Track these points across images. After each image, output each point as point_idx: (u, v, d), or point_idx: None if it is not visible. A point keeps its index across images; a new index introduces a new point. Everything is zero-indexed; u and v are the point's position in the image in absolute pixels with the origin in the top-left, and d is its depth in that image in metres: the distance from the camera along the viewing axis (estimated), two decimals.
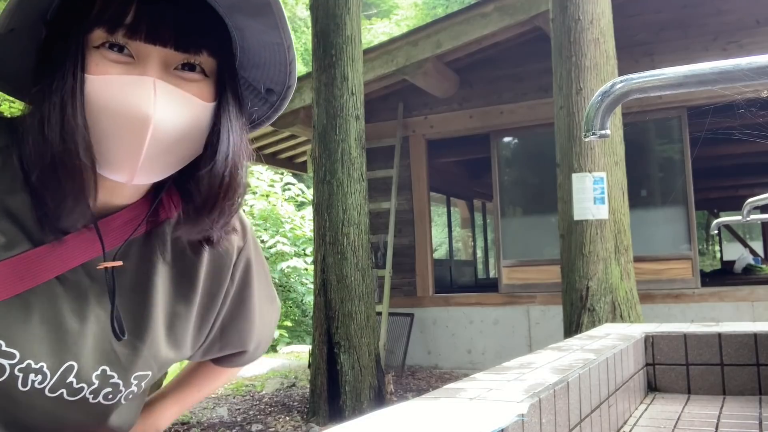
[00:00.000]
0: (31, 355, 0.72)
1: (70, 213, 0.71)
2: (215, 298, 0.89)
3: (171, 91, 0.70)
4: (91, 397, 0.78)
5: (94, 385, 0.77)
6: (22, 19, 0.71)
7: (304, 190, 12.30)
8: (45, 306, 0.73)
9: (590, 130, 0.69)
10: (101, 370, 0.77)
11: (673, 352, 1.50)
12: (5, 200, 0.72)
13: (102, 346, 0.77)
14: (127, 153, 0.69)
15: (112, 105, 0.68)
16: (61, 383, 0.75)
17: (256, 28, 0.76)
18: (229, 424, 5.08)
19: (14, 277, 0.71)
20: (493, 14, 6.26)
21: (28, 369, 0.72)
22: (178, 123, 0.71)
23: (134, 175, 0.71)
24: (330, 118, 5.15)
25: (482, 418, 0.65)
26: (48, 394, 0.74)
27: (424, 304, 7.31)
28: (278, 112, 0.85)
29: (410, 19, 20.65)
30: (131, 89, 0.68)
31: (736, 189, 12.02)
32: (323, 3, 5.21)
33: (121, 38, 0.69)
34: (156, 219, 0.82)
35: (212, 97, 0.75)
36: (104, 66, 0.69)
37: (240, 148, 0.78)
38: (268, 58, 0.79)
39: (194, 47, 0.72)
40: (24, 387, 0.73)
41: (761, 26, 6.17)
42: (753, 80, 0.62)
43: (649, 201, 6.67)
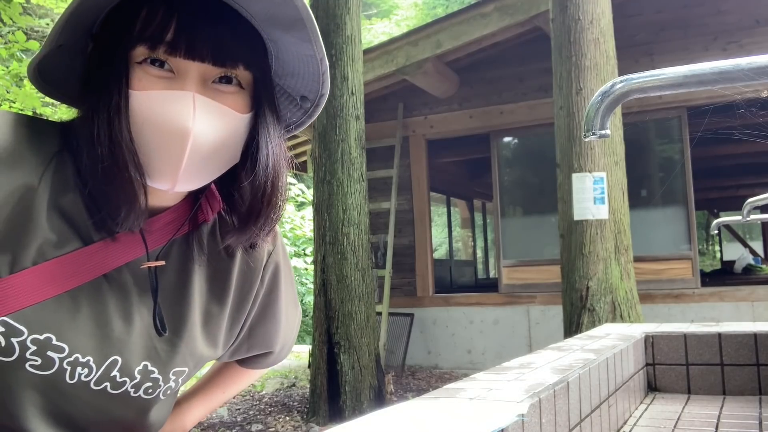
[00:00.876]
0: (79, 349, 0.76)
1: (125, 221, 0.76)
2: (246, 299, 0.93)
3: (209, 104, 0.74)
4: (132, 391, 0.81)
5: (136, 380, 0.81)
6: (69, 36, 0.75)
7: (304, 190, 12.30)
8: (92, 303, 0.77)
9: (590, 130, 0.69)
10: (143, 365, 0.81)
11: (673, 352, 1.50)
12: (58, 200, 0.75)
13: (144, 342, 0.81)
14: (169, 163, 0.74)
15: (154, 119, 0.73)
16: (105, 377, 0.78)
17: (290, 41, 0.79)
18: (229, 424, 5.08)
19: (65, 274, 0.75)
20: (493, 14, 6.26)
21: (75, 362, 0.76)
22: (216, 134, 0.75)
23: (176, 183, 0.75)
24: (330, 118, 5.15)
25: (482, 418, 0.65)
26: (93, 387, 0.78)
27: (424, 304, 7.31)
28: (312, 118, 0.89)
29: (410, 19, 20.64)
30: (172, 104, 0.73)
31: (736, 189, 12.02)
32: (323, 3, 5.21)
33: (162, 54, 0.73)
34: (195, 221, 0.86)
35: (248, 108, 0.79)
36: (147, 81, 0.73)
37: (279, 156, 0.82)
38: (302, 69, 0.83)
39: (231, 61, 0.76)
40: (71, 380, 0.76)
41: (761, 26, 6.17)
42: (753, 80, 0.62)
43: (649, 201, 6.67)
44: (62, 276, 0.74)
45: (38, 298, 0.73)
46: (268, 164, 0.80)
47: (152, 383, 0.82)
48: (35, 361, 0.73)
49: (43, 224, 0.74)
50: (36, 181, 0.74)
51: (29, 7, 10.56)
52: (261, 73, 0.80)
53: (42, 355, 0.73)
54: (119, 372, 0.79)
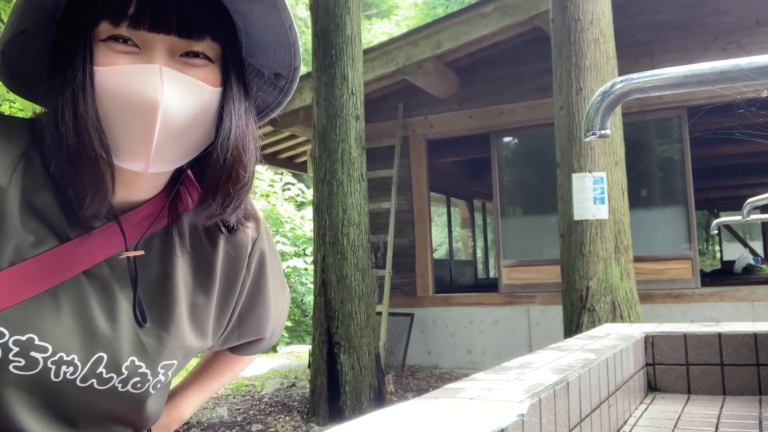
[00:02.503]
0: (63, 348, 0.75)
1: (91, 204, 0.74)
2: (233, 288, 0.92)
3: (177, 77, 0.72)
4: (120, 386, 0.80)
5: (123, 375, 0.80)
6: (31, 20, 0.73)
7: (304, 190, 12.30)
8: (74, 300, 0.76)
9: (590, 130, 0.69)
10: (130, 360, 0.80)
11: (673, 352, 1.50)
12: (30, 199, 0.74)
13: (130, 337, 0.80)
14: (140, 140, 0.71)
15: (121, 94, 0.70)
16: (91, 374, 0.78)
17: (257, 10, 0.77)
18: (229, 424, 5.08)
19: (44, 273, 0.74)
20: (493, 14, 6.26)
21: (60, 361, 0.75)
22: (187, 107, 0.73)
23: (149, 162, 0.72)
24: (330, 118, 5.15)
25: (482, 418, 0.65)
26: (79, 384, 0.77)
27: (424, 304, 7.31)
28: (288, 96, 0.87)
29: (410, 19, 20.64)
30: (139, 77, 0.70)
31: (736, 189, 12.02)
32: (323, 3, 5.21)
33: (126, 29, 0.71)
34: (175, 212, 0.84)
35: (219, 82, 0.77)
36: (112, 57, 0.71)
37: (245, 131, 0.79)
38: (273, 42, 0.81)
39: (197, 33, 0.74)
40: (56, 378, 0.76)
41: (761, 26, 6.17)
42: (753, 80, 0.62)
43: (649, 201, 6.67)
44: (41, 275, 0.73)
45: (18, 298, 0.72)
46: (230, 136, 0.77)
47: (140, 378, 0.81)
48: (19, 363, 0.73)
49: (17, 225, 0.72)
50: (5, 181, 0.72)
51: None
52: (229, 46, 0.78)
53: (25, 356, 0.73)
54: (105, 368, 0.78)
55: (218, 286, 0.89)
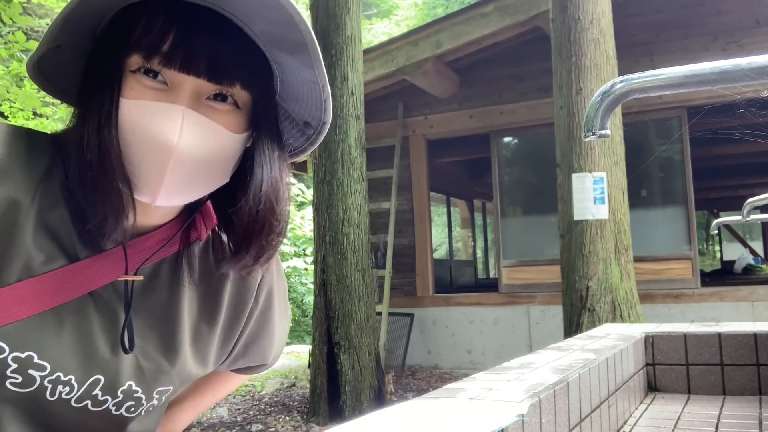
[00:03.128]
0: (61, 368, 0.74)
1: (110, 231, 0.74)
2: (239, 318, 0.91)
3: (198, 120, 0.72)
4: (113, 409, 0.80)
5: (118, 399, 0.80)
6: (68, 37, 0.73)
7: (304, 190, 12.30)
8: (77, 321, 0.76)
9: (590, 130, 0.69)
10: (128, 384, 0.80)
11: (673, 352, 1.50)
12: (46, 217, 0.74)
13: (130, 362, 0.80)
14: (151, 176, 0.71)
15: (140, 129, 0.71)
16: (87, 395, 0.77)
17: (294, 64, 0.77)
18: (229, 424, 5.08)
19: (49, 292, 0.73)
20: (493, 14, 6.26)
21: (57, 381, 0.75)
22: (203, 151, 0.72)
23: (156, 197, 0.73)
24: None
25: (482, 418, 0.65)
26: (73, 405, 0.77)
27: (424, 304, 7.31)
28: (314, 145, 0.86)
29: (410, 19, 20.63)
30: (160, 116, 0.70)
31: (736, 189, 12.02)
32: (323, 3, 5.21)
33: (156, 65, 0.71)
34: (187, 240, 0.84)
35: (242, 129, 0.76)
36: (138, 91, 0.71)
37: (277, 180, 0.79)
38: (306, 94, 0.80)
39: (227, 79, 0.73)
40: (51, 397, 0.75)
41: (761, 26, 6.17)
42: (753, 80, 0.62)
43: (649, 201, 6.67)
44: (46, 293, 0.73)
45: (21, 315, 0.71)
46: (262, 188, 0.77)
47: (135, 402, 0.81)
48: (15, 379, 0.72)
49: (29, 243, 0.72)
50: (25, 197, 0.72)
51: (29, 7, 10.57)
52: (261, 95, 0.77)
53: (23, 373, 0.72)
54: (101, 391, 0.78)
55: (224, 315, 0.89)
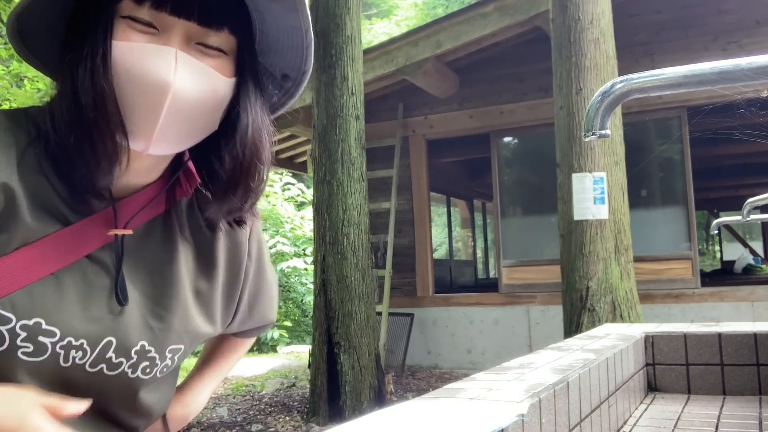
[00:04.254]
0: (71, 333, 0.75)
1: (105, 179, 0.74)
2: (237, 276, 0.93)
3: (192, 62, 0.73)
4: (130, 371, 0.80)
5: (132, 360, 0.80)
6: None
7: (304, 190, 12.30)
8: (78, 284, 0.76)
9: (590, 130, 0.69)
10: (140, 345, 0.80)
11: (673, 352, 1.50)
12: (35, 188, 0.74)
13: (138, 322, 0.80)
14: (146, 119, 0.72)
15: (134, 72, 0.71)
16: (101, 359, 0.77)
17: (276, 11, 0.78)
18: (229, 424, 5.08)
19: (47, 257, 0.74)
20: (493, 14, 6.26)
21: (69, 346, 0.75)
22: (197, 93, 0.74)
23: (150, 143, 0.74)
24: (330, 118, 5.15)
25: (482, 418, 0.65)
26: (88, 370, 0.77)
27: (424, 304, 7.31)
28: (293, 98, 0.89)
29: (410, 19, 20.64)
30: (154, 58, 0.71)
31: (736, 189, 12.02)
32: (323, 3, 5.21)
33: (147, 10, 0.72)
34: (173, 198, 0.85)
35: (231, 73, 0.78)
36: (130, 33, 0.72)
37: (261, 126, 0.81)
38: (286, 43, 0.82)
39: (216, 23, 0.75)
40: (65, 363, 0.75)
41: (761, 26, 6.17)
42: (753, 80, 0.62)
43: (649, 201, 6.67)
44: (44, 259, 0.73)
45: (21, 282, 0.72)
46: (248, 131, 0.79)
47: (149, 362, 0.81)
48: (27, 348, 0.72)
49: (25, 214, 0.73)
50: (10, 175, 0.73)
51: None
52: (245, 41, 0.79)
53: (33, 341, 0.72)
54: (115, 353, 0.78)
55: (222, 273, 0.90)
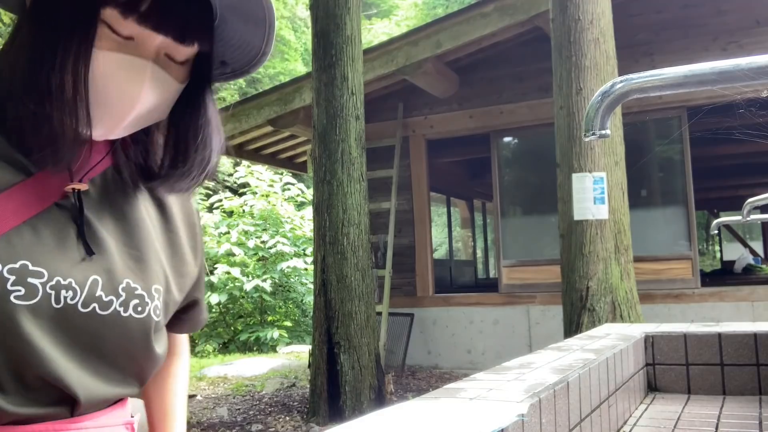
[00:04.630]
0: (58, 272, 0.76)
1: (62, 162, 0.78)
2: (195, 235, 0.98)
3: (160, 75, 0.78)
4: (122, 309, 0.81)
5: (122, 297, 0.81)
6: None
7: (304, 190, 12.29)
8: (53, 230, 0.78)
9: (590, 130, 0.69)
10: (125, 282, 0.82)
11: (673, 352, 1.50)
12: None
13: (118, 260, 0.82)
14: (110, 121, 0.77)
15: (107, 79, 0.75)
16: (91, 298, 0.79)
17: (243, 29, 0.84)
18: (229, 424, 5.08)
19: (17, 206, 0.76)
20: (493, 14, 6.26)
21: (58, 286, 0.76)
22: (157, 102, 0.79)
23: (108, 136, 0.80)
24: (330, 118, 5.15)
25: (482, 418, 0.65)
26: (81, 310, 0.78)
27: (424, 304, 7.30)
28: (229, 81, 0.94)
29: (410, 19, 20.64)
30: (128, 69, 0.76)
31: (736, 189, 12.02)
32: (323, 3, 5.21)
33: (131, 23, 0.75)
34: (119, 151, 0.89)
35: (185, 79, 0.83)
36: (110, 42, 0.75)
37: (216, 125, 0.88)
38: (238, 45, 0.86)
39: (190, 40, 0.79)
40: (57, 304, 0.76)
41: (761, 26, 6.17)
42: (753, 80, 0.62)
43: (649, 201, 6.67)
44: (15, 208, 0.75)
45: None
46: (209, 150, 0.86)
47: (139, 300, 0.83)
48: (19, 291, 0.73)
49: None
50: None
51: None
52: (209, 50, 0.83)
53: (23, 284, 0.73)
54: (103, 291, 0.79)
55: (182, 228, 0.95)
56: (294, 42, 20.71)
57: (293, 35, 20.82)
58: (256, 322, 11.15)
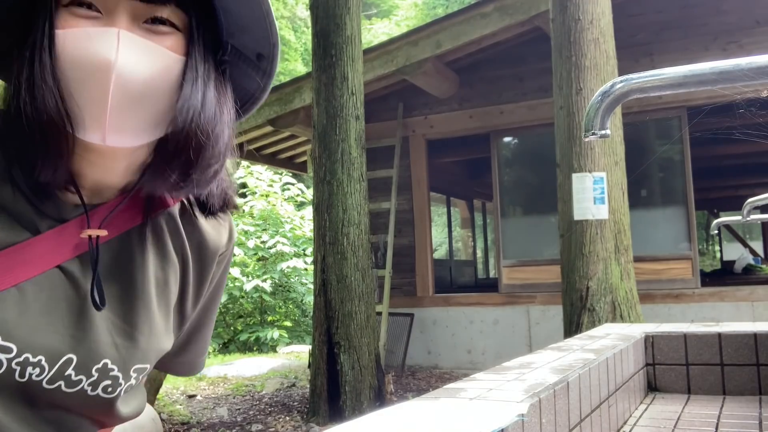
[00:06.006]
0: (28, 349, 0.72)
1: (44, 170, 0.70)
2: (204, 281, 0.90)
3: (136, 41, 0.70)
4: (89, 389, 0.77)
5: (93, 378, 0.77)
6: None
7: (304, 190, 12.29)
8: (45, 297, 0.73)
9: (590, 130, 0.69)
10: (102, 363, 0.77)
11: (673, 352, 1.50)
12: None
13: (103, 339, 0.77)
14: (94, 105, 0.69)
15: (77, 58, 0.69)
16: (59, 376, 0.74)
17: None
18: (229, 424, 5.08)
19: (10, 267, 0.71)
20: (493, 14, 6.26)
21: (25, 362, 0.72)
22: (144, 72, 0.70)
23: (104, 131, 0.69)
24: (330, 118, 5.15)
25: (482, 418, 0.65)
26: (45, 386, 0.74)
27: (424, 304, 7.30)
28: (270, 77, 0.84)
29: (410, 19, 20.65)
30: (95, 40, 0.69)
31: (736, 189, 12.02)
32: (323, 3, 5.21)
33: None
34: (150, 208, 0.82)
35: (184, 51, 0.74)
36: (72, 21, 0.70)
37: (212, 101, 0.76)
38: (250, 18, 0.78)
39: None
40: (21, 378, 0.72)
41: (761, 26, 6.17)
42: (753, 80, 0.62)
43: (649, 201, 6.67)
44: (8, 270, 0.70)
45: None
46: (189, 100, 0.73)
47: (111, 381, 0.78)
48: None
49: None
50: None
51: None
52: (197, 14, 0.75)
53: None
54: (74, 370, 0.75)
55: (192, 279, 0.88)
56: (294, 42, 20.72)
57: (293, 35, 20.82)
58: (256, 322, 11.15)
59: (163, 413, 5.29)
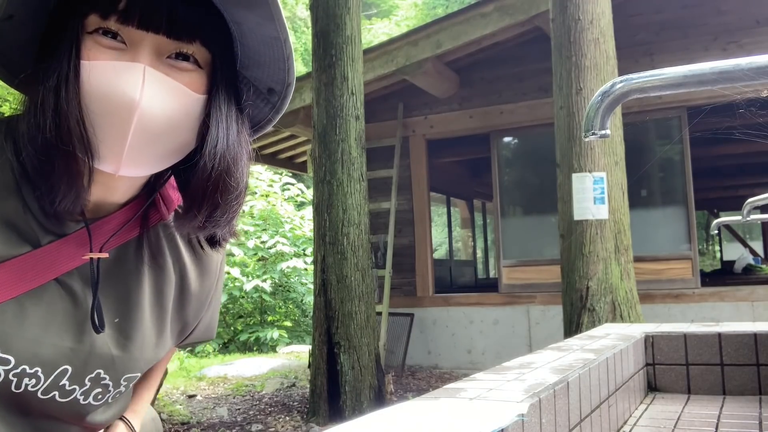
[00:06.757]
0: (26, 361, 0.72)
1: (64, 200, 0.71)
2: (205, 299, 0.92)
3: (160, 79, 0.70)
4: (82, 398, 0.79)
5: (85, 387, 0.78)
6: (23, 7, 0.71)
7: (304, 190, 12.29)
8: (42, 309, 0.74)
9: (590, 130, 0.69)
10: (96, 373, 0.78)
11: (673, 352, 1.50)
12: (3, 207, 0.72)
13: (98, 350, 0.78)
14: (114, 140, 0.69)
15: (101, 90, 0.68)
16: (54, 386, 0.76)
17: (253, 20, 0.75)
18: (229, 424, 5.08)
19: (10, 280, 0.71)
20: (493, 14, 6.26)
21: (22, 374, 0.73)
22: (166, 111, 0.70)
23: (120, 164, 0.70)
24: (330, 118, 5.14)
25: (482, 418, 0.65)
26: (40, 396, 0.75)
27: (424, 304, 7.30)
28: (279, 112, 0.84)
29: (410, 19, 20.64)
30: (121, 75, 0.68)
31: (736, 189, 12.02)
32: (323, 3, 5.21)
33: (114, 24, 0.69)
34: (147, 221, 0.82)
35: (205, 89, 0.74)
36: (96, 52, 0.69)
37: (235, 142, 0.76)
38: (268, 56, 0.78)
39: (187, 35, 0.71)
40: (17, 389, 0.73)
41: (761, 26, 6.17)
42: (753, 80, 0.62)
43: (649, 201, 6.67)
44: (8, 283, 0.71)
45: None
46: (217, 144, 0.73)
47: (102, 389, 0.80)
48: None
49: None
50: None
51: None
52: (220, 54, 0.75)
53: None
54: (69, 381, 0.76)
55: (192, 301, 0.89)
56: (294, 42, 20.71)
57: (293, 35, 20.84)
58: (256, 322, 11.15)
59: (163, 413, 5.29)
